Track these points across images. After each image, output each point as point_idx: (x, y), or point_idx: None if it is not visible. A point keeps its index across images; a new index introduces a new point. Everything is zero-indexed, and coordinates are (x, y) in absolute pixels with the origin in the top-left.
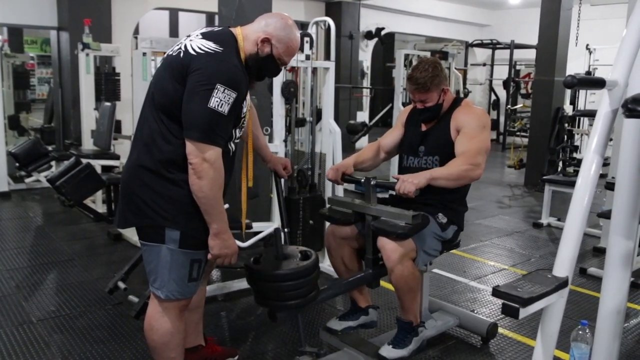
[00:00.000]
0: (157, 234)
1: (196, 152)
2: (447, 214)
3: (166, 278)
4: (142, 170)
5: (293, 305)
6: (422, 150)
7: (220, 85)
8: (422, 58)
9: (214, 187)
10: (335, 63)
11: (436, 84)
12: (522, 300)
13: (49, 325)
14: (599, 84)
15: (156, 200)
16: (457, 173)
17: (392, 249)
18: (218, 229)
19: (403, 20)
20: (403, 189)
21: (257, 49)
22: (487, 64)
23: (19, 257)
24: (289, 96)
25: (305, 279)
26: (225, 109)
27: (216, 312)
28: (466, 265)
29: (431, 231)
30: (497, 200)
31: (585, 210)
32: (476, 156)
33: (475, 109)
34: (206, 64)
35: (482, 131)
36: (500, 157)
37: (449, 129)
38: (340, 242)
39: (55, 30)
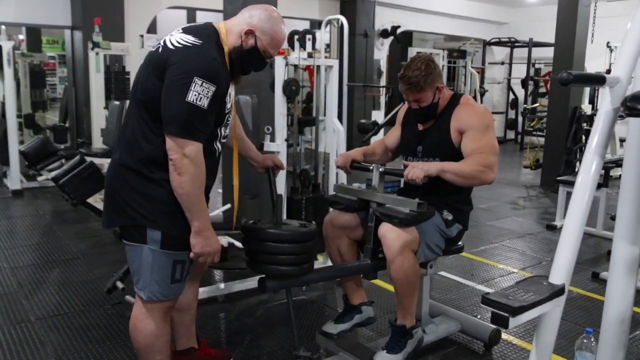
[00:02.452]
0: (139, 234)
1: (176, 148)
2: (452, 212)
3: (148, 279)
4: (124, 170)
5: (286, 271)
6: (420, 150)
7: (198, 79)
8: (414, 56)
9: (195, 183)
10: (350, 62)
11: (430, 82)
12: (512, 309)
13: (47, 324)
14: (599, 81)
15: (138, 200)
16: (469, 172)
17: (393, 238)
18: (199, 227)
19: (419, 18)
20: (412, 174)
21: (241, 42)
22: (506, 63)
23: (24, 254)
24: (291, 94)
25: (300, 244)
26: (205, 103)
27: (215, 314)
28: (474, 268)
29: (435, 224)
30: (511, 201)
31: (583, 213)
32: (489, 158)
33: (477, 107)
34: (184, 57)
35: (488, 132)
36: (517, 157)
37: (448, 129)
38: (338, 232)
39: (69, 29)
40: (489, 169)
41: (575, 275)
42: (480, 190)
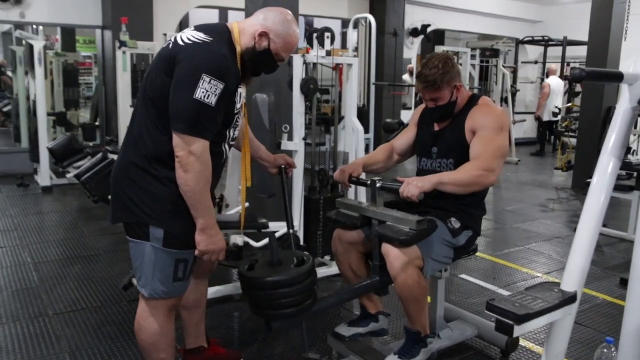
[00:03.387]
0: (142, 231)
1: (182, 145)
2: (461, 218)
3: (150, 276)
4: (129, 166)
5: (287, 314)
6: (434, 151)
7: (206, 76)
8: (431, 54)
9: (200, 180)
10: (378, 61)
11: (447, 81)
12: (517, 317)
13: (63, 319)
14: (616, 78)
15: (141, 197)
16: (467, 179)
17: (395, 256)
18: (204, 224)
19: (450, 16)
20: (407, 192)
21: (254, 43)
22: (539, 62)
23: (48, 250)
24: (309, 93)
25: (297, 286)
26: (212, 100)
27: (229, 312)
28: (497, 271)
29: (440, 237)
30: (539, 204)
31: (598, 217)
32: (491, 161)
33: (493, 109)
34: (192, 53)
35: (499, 133)
36: (550, 158)
37: (463, 129)
38: (347, 247)
39: (99, 29)
40: (488, 172)
41: (603, 281)
42: (509, 191)
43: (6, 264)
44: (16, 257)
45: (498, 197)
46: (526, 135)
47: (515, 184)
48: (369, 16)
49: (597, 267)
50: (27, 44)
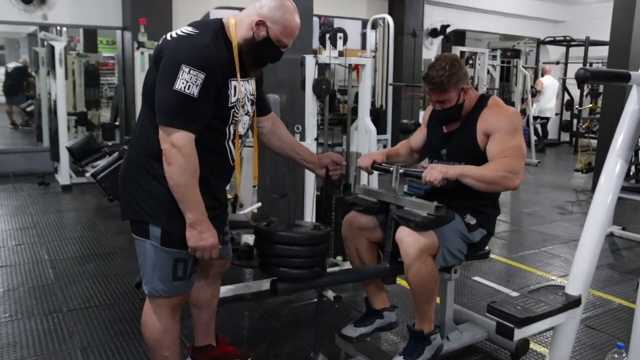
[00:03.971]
0: (143, 229)
1: (165, 137)
2: (475, 216)
3: (150, 274)
4: (132, 165)
5: (295, 275)
6: (444, 153)
7: (185, 66)
8: (439, 55)
9: (185, 173)
10: (397, 61)
11: (454, 83)
12: (517, 320)
13: (77, 316)
14: (622, 78)
15: (142, 195)
16: (491, 177)
17: (410, 243)
18: (193, 219)
19: (470, 17)
20: (429, 176)
21: (252, 33)
22: (561, 62)
23: (65, 247)
24: (321, 93)
25: (309, 247)
26: (194, 91)
27: (240, 312)
28: (512, 274)
29: (456, 228)
30: (558, 206)
31: (604, 220)
32: (515, 163)
33: (506, 109)
34: (175, 46)
35: (516, 134)
36: (570, 160)
37: (474, 132)
38: (356, 233)
39: (120, 30)
40: (513, 174)
41: (620, 285)
42: (527, 193)
43: (24, 261)
44: (34, 255)
45: (516, 199)
46: (548, 137)
47: (534, 186)
48: (387, 17)
49: (614, 271)
50: (48, 45)
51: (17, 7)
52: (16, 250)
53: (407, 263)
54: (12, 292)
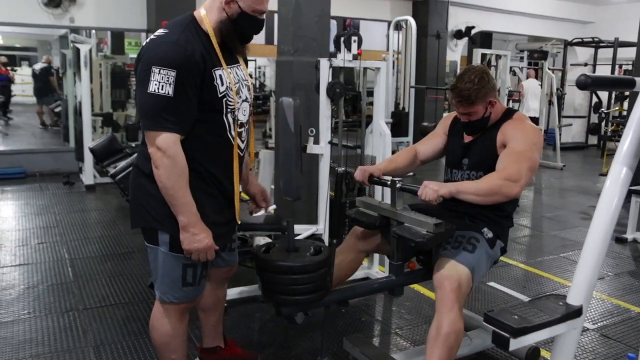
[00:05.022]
0: (153, 237)
1: (149, 141)
2: (492, 228)
3: (160, 280)
4: (139, 172)
5: (298, 301)
6: (465, 163)
7: (155, 67)
8: (469, 66)
9: (171, 175)
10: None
11: (482, 96)
12: (513, 330)
13: (92, 314)
14: (627, 84)
15: (150, 203)
16: (487, 188)
17: (449, 289)
18: (185, 222)
19: (496, 18)
20: (425, 195)
21: (225, 14)
22: (589, 64)
23: (85, 246)
24: (335, 97)
25: (310, 274)
26: (169, 90)
27: (252, 313)
28: (528, 280)
29: (485, 253)
30: (581, 211)
31: (608, 229)
32: (517, 171)
33: (527, 124)
34: (146, 50)
35: (530, 148)
36: (597, 164)
37: (495, 143)
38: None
39: (144, 32)
40: (511, 182)
41: (639, 294)
42: (550, 197)
43: (45, 259)
44: (55, 253)
45: (538, 203)
46: (574, 140)
47: (558, 190)
48: (409, 19)
49: (635, 279)
50: (74, 47)
51: (45, 11)
52: (38, 249)
53: (441, 314)
54: (31, 290)
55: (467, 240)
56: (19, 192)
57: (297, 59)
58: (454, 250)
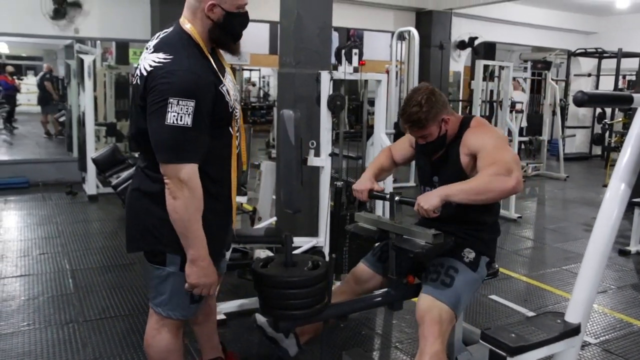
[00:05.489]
0: (160, 258)
1: (170, 174)
2: (473, 245)
3: (167, 298)
4: (142, 196)
5: (295, 315)
6: (436, 180)
7: (172, 98)
8: (414, 89)
9: (190, 208)
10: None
11: (432, 117)
12: (510, 349)
13: (92, 327)
14: (624, 101)
15: (157, 226)
16: (481, 185)
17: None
18: (195, 255)
19: (499, 28)
20: (420, 211)
21: (211, 20)
22: (593, 75)
23: (86, 257)
24: (336, 109)
25: (308, 289)
26: (188, 121)
27: (252, 326)
28: (530, 293)
29: (465, 281)
30: (584, 222)
31: (606, 246)
32: (504, 165)
33: (487, 128)
34: (156, 80)
35: (501, 143)
36: (601, 175)
37: (458, 157)
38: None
39: None
40: (504, 176)
41: None
42: (553, 209)
43: (46, 271)
44: (56, 264)
45: (541, 214)
46: (578, 150)
47: (561, 201)
48: (412, 30)
49: (637, 292)
50: (78, 58)
51: (50, 21)
52: (40, 259)
53: (423, 349)
54: (32, 301)
55: (446, 271)
56: (22, 202)
57: (299, 71)
58: (432, 284)
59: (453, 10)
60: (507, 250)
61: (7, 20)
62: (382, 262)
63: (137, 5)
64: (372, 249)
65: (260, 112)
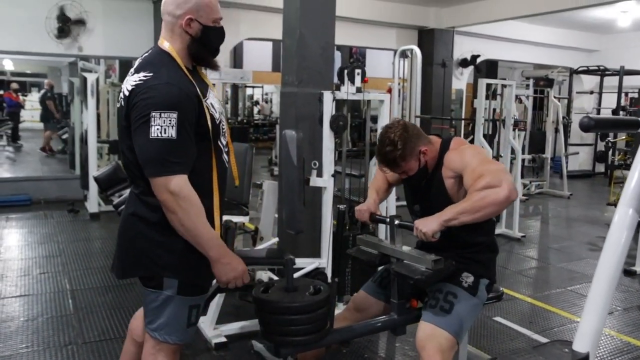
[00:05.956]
0: (156, 282)
1: (160, 188)
2: (471, 269)
3: (163, 323)
4: (138, 221)
5: (297, 342)
6: (417, 209)
7: (154, 112)
8: (386, 127)
9: (191, 216)
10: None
11: (409, 153)
12: None
13: (90, 349)
14: (630, 126)
15: (153, 250)
16: (475, 203)
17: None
18: (215, 256)
19: (501, 46)
20: (419, 234)
21: (189, 35)
22: (595, 92)
23: (87, 277)
24: (338, 129)
25: (309, 314)
26: (172, 133)
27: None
28: (535, 314)
29: (465, 307)
30: (588, 242)
31: (615, 272)
32: (495, 175)
33: (467, 146)
34: (138, 97)
35: (483, 157)
36: (605, 193)
37: (441, 181)
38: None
39: None
40: (495, 186)
41: None
42: (557, 228)
43: (46, 290)
44: (56, 284)
45: (545, 233)
46: (581, 168)
47: (565, 220)
48: (414, 48)
49: None
50: (81, 76)
51: (54, 40)
52: (40, 279)
53: None
54: (31, 322)
55: (444, 297)
56: (24, 220)
57: (301, 90)
58: (432, 310)
59: (455, 28)
60: (511, 270)
61: (12, 38)
62: (383, 289)
63: (140, 23)
64: (372, 275)
65: (262, 129)
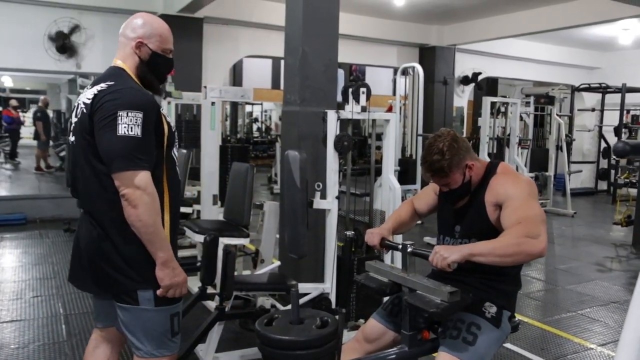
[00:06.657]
0: (130, 297)
1: (125, 182)
2: (494, 299)
3: (144, 337)
4: (99, 238)
5: None
6: (457, 230)
7: (121, 111)
8: (435, 135)
9: (152, 213)
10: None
11: (456, 164)
12: None
13: None
14: None
15: (121, 265)
16: (506, 248)
17: None
18: (165, 258)
19: (502, 64)
20: (435, 261)
21: (138, 58)
22: (597, 109)
23: (80, 300)
24: (343, 150)
25: (316, 349)
26: (138, 132)
27: None
28: (546, 340)
29: (487, 339)
30: (596, 262)
31: None
32: (532, 227)
33: (516, 177)
34: (102, 100)
35: (529, 200)
36: (609, 211)
37: (483, 204)
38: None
39: None
40: (533, 239)
41: None
42: (563, 247)
43: (39, 315)
44: (50, 308)
45: (550, 253)
46: (583, 185)
47: (571, 239)
48: (416, 65)
49: None
50: (79, 93)
51: (52, 57)
52: (33, 303)
53: None
54: (22, 350)
55: (467, 327)
56: (18, 240)
57: (304, 109)
58: (453, 341)
59: (456, 45)
60: (518, 292)
61: (11, 55)
62: (394, 317)
63: None
64: (383, 302)
65: (262, 147)
